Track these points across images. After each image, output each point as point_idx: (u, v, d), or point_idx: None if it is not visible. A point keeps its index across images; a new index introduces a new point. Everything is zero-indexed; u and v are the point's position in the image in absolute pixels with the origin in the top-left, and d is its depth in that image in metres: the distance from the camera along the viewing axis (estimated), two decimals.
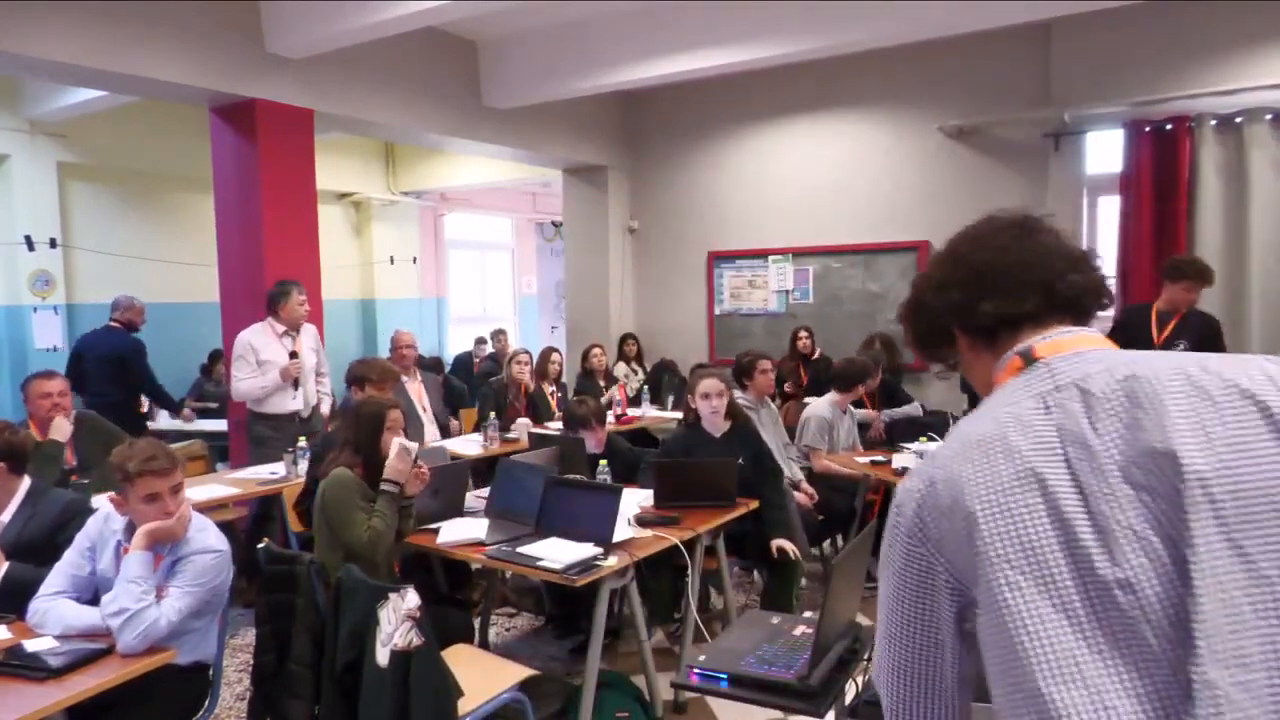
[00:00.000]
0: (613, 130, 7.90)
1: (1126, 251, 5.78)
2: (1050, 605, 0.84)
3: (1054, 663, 0.83)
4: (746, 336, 7.38)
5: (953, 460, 0.95)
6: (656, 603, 3.69)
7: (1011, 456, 0.90)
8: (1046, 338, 1.03)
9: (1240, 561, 0.80)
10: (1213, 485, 0.81)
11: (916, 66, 6.51)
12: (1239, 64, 5.39)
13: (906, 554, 0.98)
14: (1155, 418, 0.86)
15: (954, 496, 0.92)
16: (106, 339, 5.88)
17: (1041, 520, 0.86)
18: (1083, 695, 0.81)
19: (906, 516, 0.97)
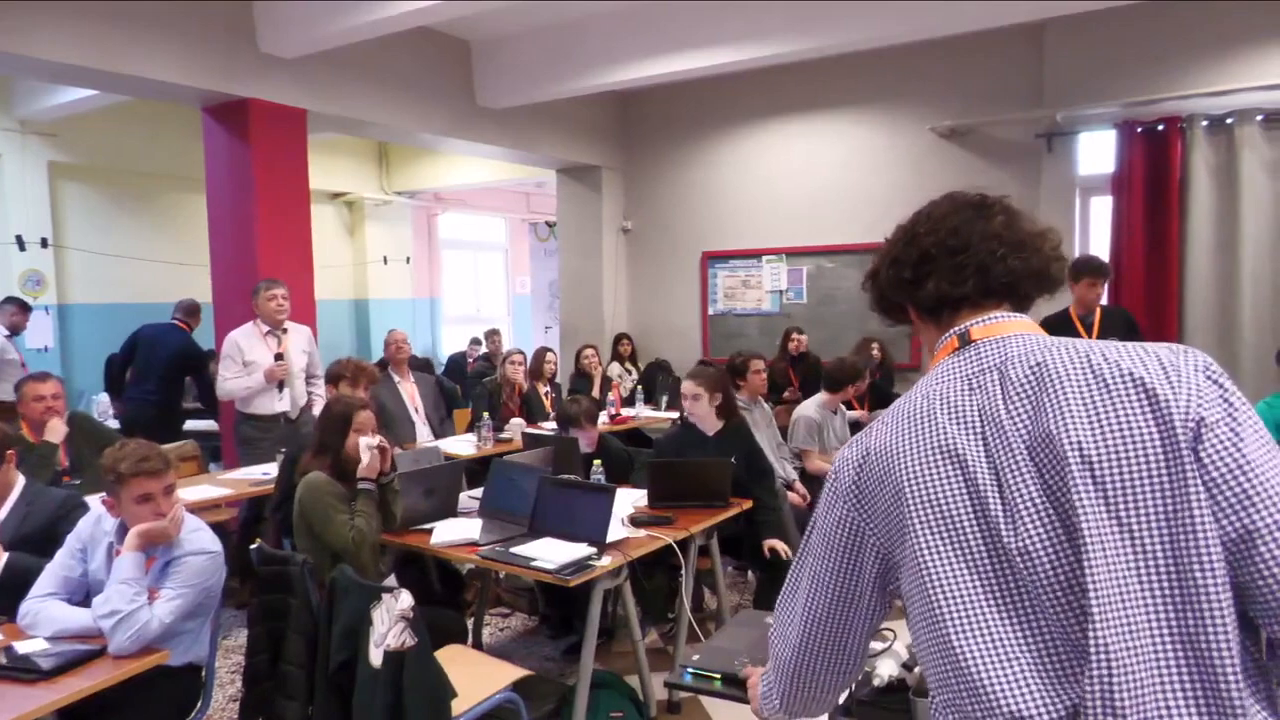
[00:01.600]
0: (606, 130, 7.90)
1: (1119, 251, 5.79)
2: (964, 567, 0.93)
3: (964, 619, 0.93)
4: (741, 337, 7.39)
5: (887, 433, 1.04)
6: (650, 603, 3.69)
7: (937, 432, 0.98)
8: (984, 321, 1.09)
9: (1125, 535, 0.87)
10: (1097, 465, 0.88)
11: (909, 67, 6.53)
12: (1229, 65, 5.41)
13: (840, 516, 1.07)
14: (1055, 402, 0.92)
15: (886, 466, 1.02)
16: (171, 336, 5.87)
17: (959, 491, 0.95)
18: (988, 648, 0.91)
19: (844, 482, 1.07)
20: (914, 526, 0.97)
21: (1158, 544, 0.86)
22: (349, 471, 2.98)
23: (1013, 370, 0.98)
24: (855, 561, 1.08)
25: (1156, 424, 0.88)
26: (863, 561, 1.07)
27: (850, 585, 1.09)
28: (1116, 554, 0.86)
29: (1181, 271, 5.66)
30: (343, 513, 2.89)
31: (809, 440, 4.75)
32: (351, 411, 3.04)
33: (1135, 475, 0.87)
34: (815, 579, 1.12)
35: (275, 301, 4.65)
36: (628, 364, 7.52)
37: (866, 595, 1.08)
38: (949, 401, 1.01)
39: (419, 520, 3.26)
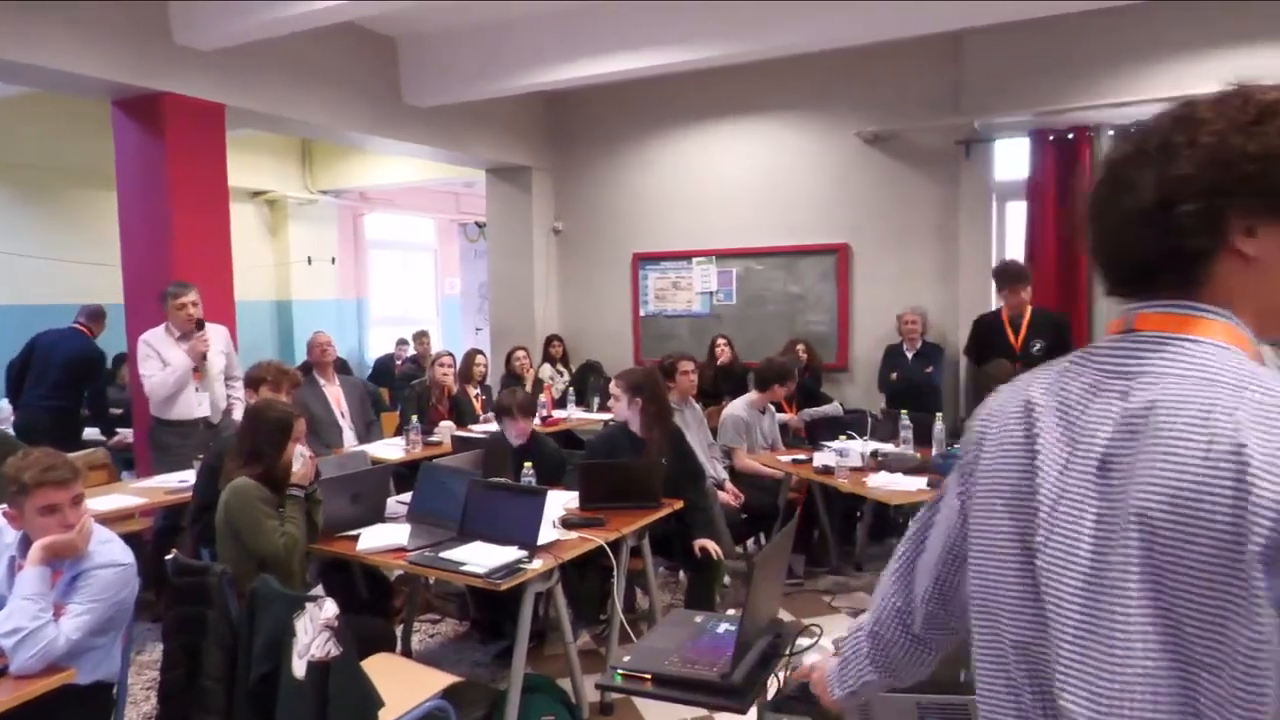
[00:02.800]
0: (537, 131, 7.85)
1: (1033, 254, 6.02)
2: (1003, 546, 0.94)
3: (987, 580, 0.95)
4: (672, 338, 7.44)
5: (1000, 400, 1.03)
6: (582, 604, 3.69)
7: (1031, 418, 0.94)
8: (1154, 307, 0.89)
9: (1150, 595, 0.78)
10: (1159, 527, 0.77)
11: (835, 73, 6.66)
12: (1132, 77, 5.67)
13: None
14: (1144, 451, 0.80)
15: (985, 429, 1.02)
16: (71, 341, 5.64)
17: (1022, 465, 0.93)
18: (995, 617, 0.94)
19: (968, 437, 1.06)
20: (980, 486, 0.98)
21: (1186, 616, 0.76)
22: (279, 480, 2.92)
23: (1140, 395, 0.82)
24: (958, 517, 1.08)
25: (1232, 493, 0.73)
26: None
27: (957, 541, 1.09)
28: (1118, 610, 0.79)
29: (1090, 276, 5.90)
30: (273, 519, 2.83)
31: (737, 439, 4.80)
32: (291, 420, 3.00)
33: (1188, 545, 0.75)
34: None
35: (185, 309, 4.49)
36: (559, 366, 7.49)
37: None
38: (1066, 396, 0.91)
39: (345, 526, 3.19)
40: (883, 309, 6.58)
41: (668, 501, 3.58)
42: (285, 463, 2.95)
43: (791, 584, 4.64)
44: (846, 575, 4.86)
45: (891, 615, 1.18)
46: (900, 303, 6.41)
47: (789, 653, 1.98)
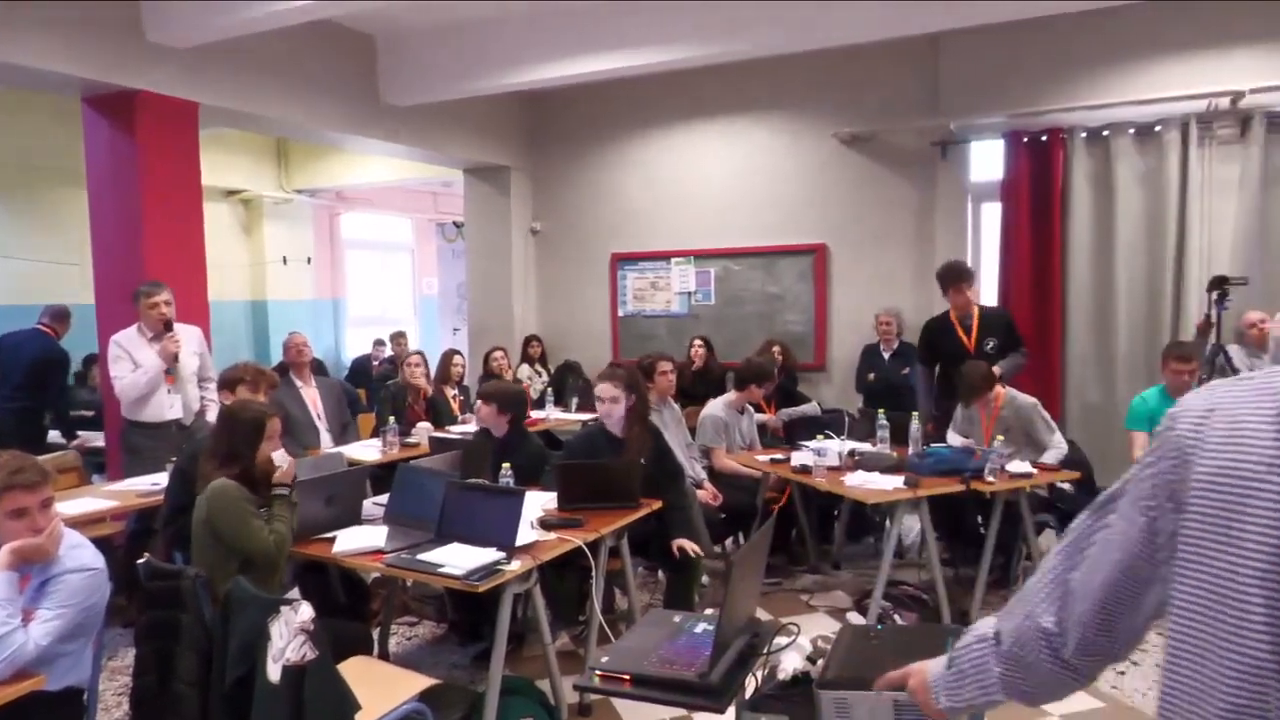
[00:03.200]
0: (515, 131, 7.83)
1: (1007, 255, 6.09)
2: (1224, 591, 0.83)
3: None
4: (651, 338, 7.44)
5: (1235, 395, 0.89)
6: (561, 606, 3.68)
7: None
8: None
9: None
10: None
11: (812, 75, 6.70)
12: (1105, 81, 5.75)
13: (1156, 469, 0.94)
14: None
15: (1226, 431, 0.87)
16: (35, 341, 5.55)
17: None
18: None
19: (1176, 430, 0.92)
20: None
21: None
22: (257, 480, 2.92)
23: None
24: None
25: None
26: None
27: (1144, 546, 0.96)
28: None
29: (1064, 275, 5.98)
30: (259, 518, 2.83)
31: (716, 438, 4.81)
32: (264, 420, 3.00)
33: None
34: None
35: (158, 309, 4.43)
36: (538, 366, 7.47)
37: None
38: None
39: (321, 529, 3.17)
40: (860, 309, 6.62)
41: (646, 501, 3.58)
42: (261, 462, 2.94)
43: (770, 583, 4.66)
44: (824, 574, 4.89)
45: (1036, 637, 1.06)
46: (877, 303, 6.46)
47: (766, 652, 1.99)
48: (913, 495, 3.86)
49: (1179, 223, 5.64)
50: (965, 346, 5.05)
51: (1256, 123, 5.39)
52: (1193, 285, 5.54)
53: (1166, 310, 5.70)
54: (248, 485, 2.89)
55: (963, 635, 1.19)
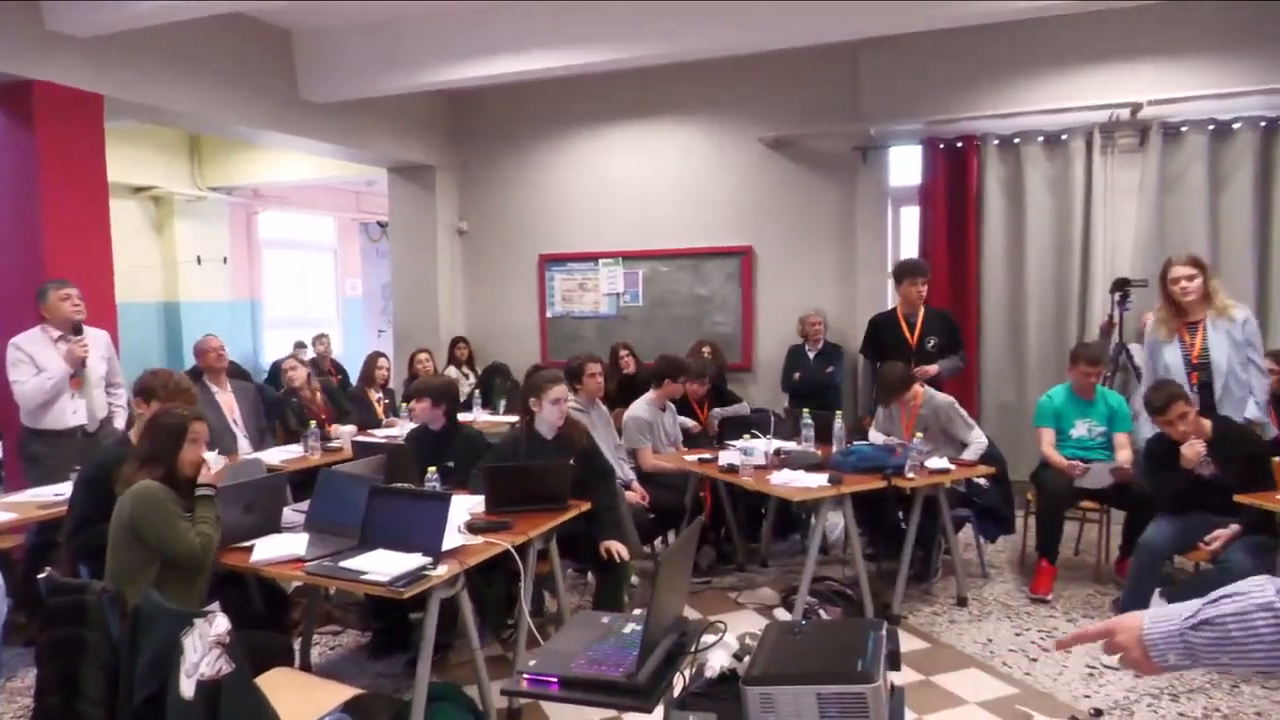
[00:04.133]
0: (440, 129, 7.72)
1: (925, 257, 6.25)
2: None
3: None
4: (579, 339, 7.42)
5: None
6: (489, 610, 3.64)
7: None
8: None
9: None
10: None
11: (738, 79, 6.79)
12: (1015, 90, 5.99)
13: None
14: None
15: None
16: None
17: None
18: None
19: None
20: None
21: None
22: (180, 483, 2.86)
23: None
24: None
25: None
26: None
27: None
28: None
29: (979, 277, 6.20)
30: (185, 519, 2.76)
31: (641, 439, 4.83)
32: (186, 423, 2.93)
33: None
34: None
35: (70, 301, 4.24)
36: (465, 368, 7.38)
37: None
38: None
39: (239, 538, 3.06)
40: (785, 310, 6.74)
41: (575, 503, 3.58)
42: (185, 465, 2.89)
43: (699, 582, 4.70)
44: (752, 571, 4.96)
45: None
46: (802, 304, 6.58)
47: (694, 650, 2.01)
48: (836, 492, 3.94)
49: (1084, 227, 5.91)
50: (908, 343, 5.19)
51: (1154, 133, 5.68)
52: (1097, 287, 5.81)
53: (1074, 310, 5.97)
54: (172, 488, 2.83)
55: (1217, 599, 1.17)
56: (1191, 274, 4.03)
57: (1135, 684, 3.45)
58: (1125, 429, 4.63)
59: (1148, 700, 3.32)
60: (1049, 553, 4.50)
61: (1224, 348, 3.98)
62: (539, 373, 4.17)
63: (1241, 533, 3.66)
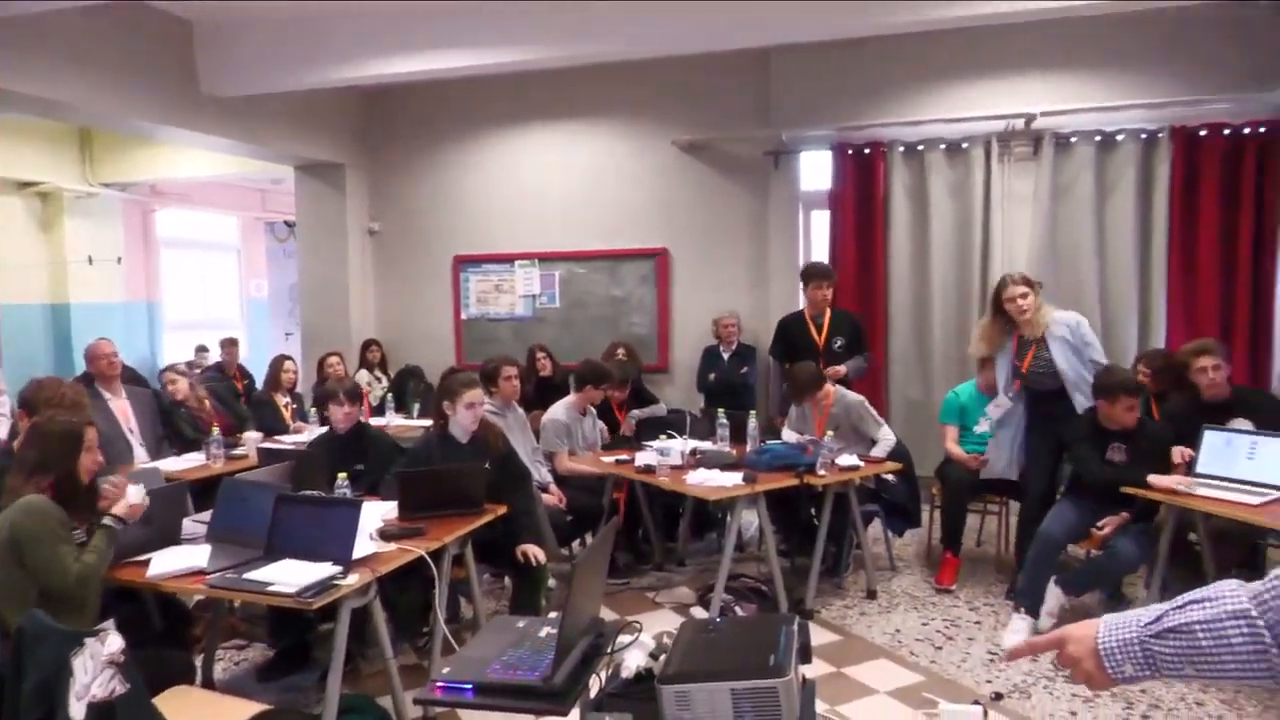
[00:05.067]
0: (351, 127, 7.53)
1: (835, 260, 6.43)
2: None
3: None
4: (495, 341, 7.34)
5: None
6: (403, 618, 3.58)
7: None
8: None
9: None
10: None
11: (652, 82, 6.84)
12: (919, 99, 6.21)
13: None
14: None
15: None
16: None
17: None
18: None
19: None
20: None
21: None
22: (70, 498, 2.71)
23: None
24: None
25: None
26: None
27: None
28: None
29: (886, 279, 6.40)
30: (68, 543, 2.60)
31: (558, 442, 4.82)
32: (80, 430, 2.80)
33: None
34: None
35: None
36: (377, 371, 7.22)
37: None
38: None
39: (134, 551, 2.92)
40: (700, 311, 6.81)
41: (491, 507, 3.54)
42: (78, 476, 2.75)
43: (616, 583, 4.71)
44: (669, 571, 5.00)
45: None
46: (716, 306, 6.67)
47: (610, 651, 2.02)
48: (751, 491, 4.02)
49: (984, 232, 6.16)
50: (816, 343, 5.34)
51: (1046, 142, 5.97)
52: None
53: (974, 312, 6.20)
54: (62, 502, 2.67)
55: (1183, 605, 1.08)
56: (1024, 292, 4.25)
57: (1032, 668, 3.62)
58: None
59: (1044, 683, 3.49)
60: (953, 544, 4.69)
61: (1065, 355, 4.20)
62: (453, 376, 4.12)
63: (1129, 520, 3.88)
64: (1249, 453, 3.68)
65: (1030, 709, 3.30)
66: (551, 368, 6.34)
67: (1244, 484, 3.60)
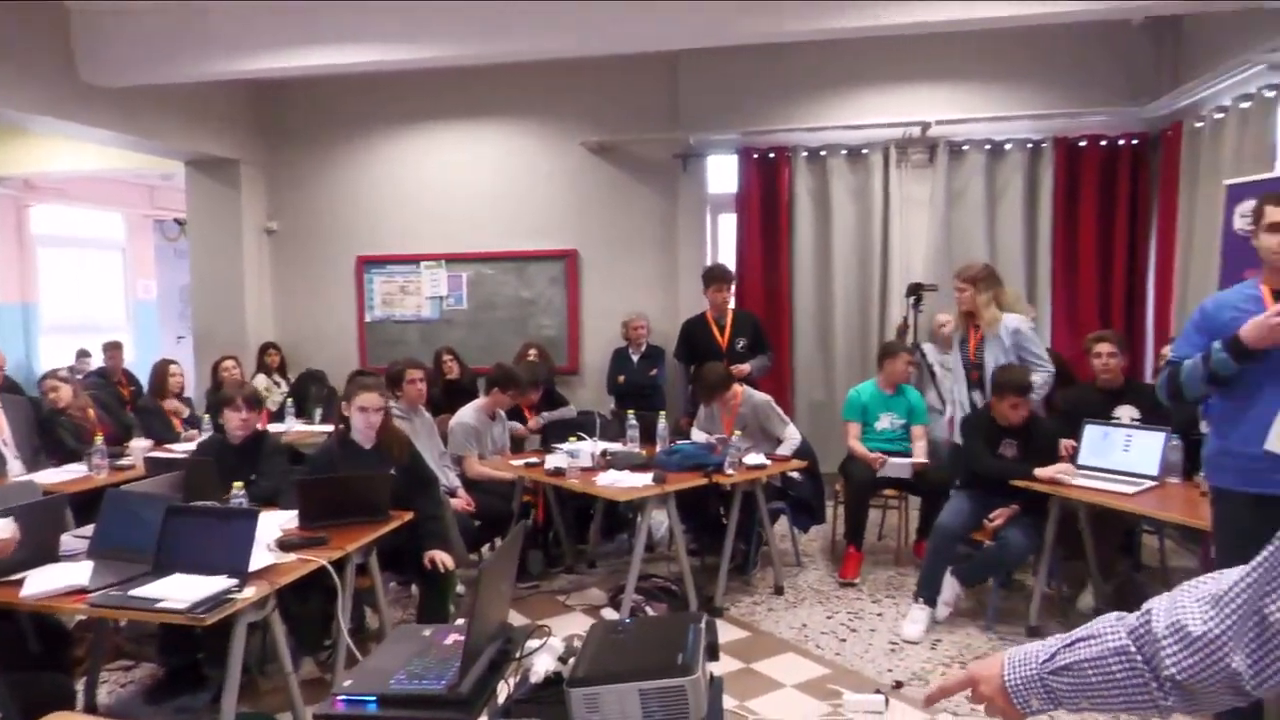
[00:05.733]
0: (246, 121, 7.24)
1: (742, 262, 6.55)
2: None
3: None
4: (401, 344, 7.18)
5: None
6: (304, 631, 3.46)
7: None
8: None
9: None
10: None
11: (561, 82, 6.81)
12: (821, 106, 6.38)
13: None
14: None
15: None
16: None
17: None
18: None
19: None
20: None
21: None
22: None
23: None
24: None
25: None
26: None
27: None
28: None
29: (791, 280, 6.54)
30: None
31: (467, 446, 4.75)
32: None
33: None
34: None
35: None
36: (276, 376, 6.96)
37: None
38: None
39: (7, 571, 2.73)
40: (610, 313, 6.82)
41: (397, 514, 3.46)
42: None
43: (527, 587, 4.67)
44: (581, 573, 4.98)
45: (1219, 677, 0.99)
46: (626, 307, 6.69)
47: (519, 656, 1.99)
48: (661, 491, 4.04)
49: (883, 235, 6.37)
50: (719, 344, 5.43)
51: (941, 150, 6.23)
52: (895, 291, 6.28)
53: (875, 313, 6.42)
54: None
55: (1071, 643, 1.13)
56: (962, 287, 4.44)
57: (930, 655, 3.76)
58: (922, 422, 5.05)
59: (941, 670, 3.63)
60: (856, 539, 4.83)
61: (995, 355, 4.41)
62: (354, 379, 4.01)
63: (1019, 512, 4.07)
64: (1125, 445, 3.92)
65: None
66: (459, 370, 6.23)
67: (1120, 474, 3.82)
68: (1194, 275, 5.09)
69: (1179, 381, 2.75)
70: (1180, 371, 2.75)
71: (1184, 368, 2.73)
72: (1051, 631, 1.39)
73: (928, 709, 2.85)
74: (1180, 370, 2.75)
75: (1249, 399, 2.62)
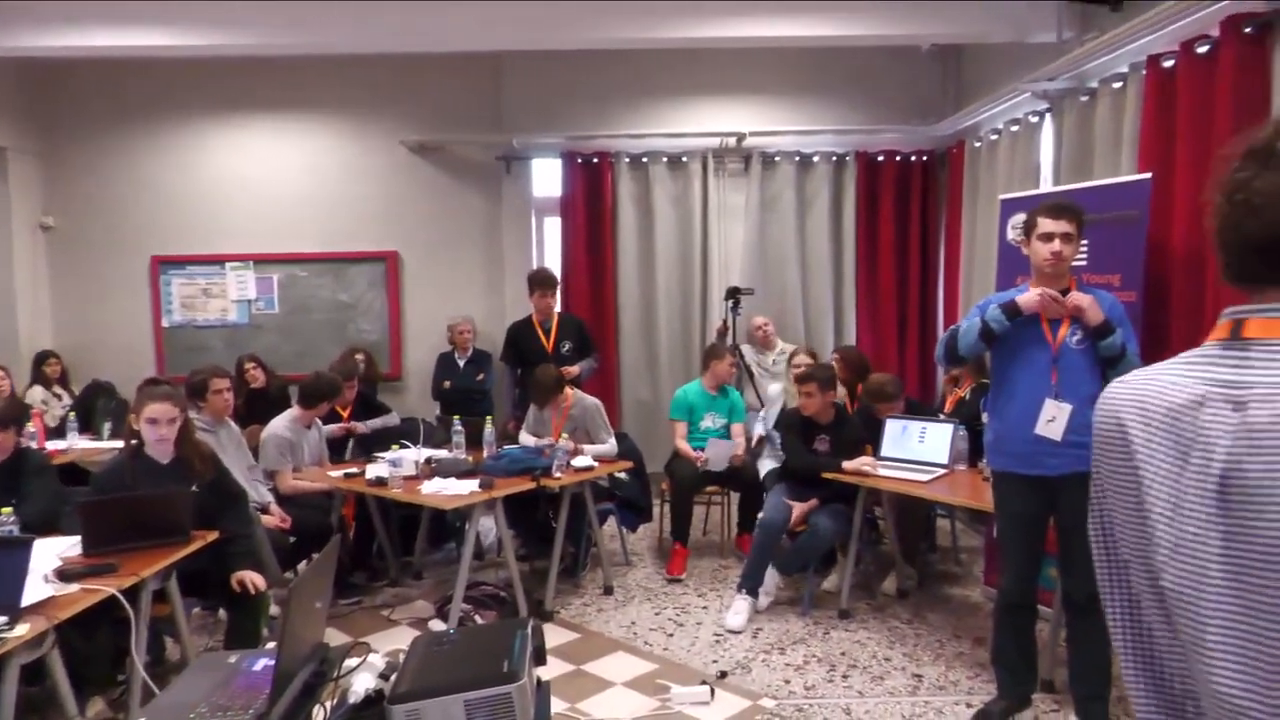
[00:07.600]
0: (14, 106, 6.49)
1: (568, 265, 6.58)
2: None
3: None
4: (204, 350, 6.68)
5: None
6: (91, 668, 3.14)
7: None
8: (1264, 312, 0.87)
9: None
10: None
11: (381, 79, 6.58)
12: (644, 113, 6.53)
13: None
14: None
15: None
16: None
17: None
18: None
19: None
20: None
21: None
22: None
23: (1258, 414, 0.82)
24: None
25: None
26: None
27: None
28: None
29: (615, 284, 6.65)
30: None
31: (281, 460, 4.49)
32: None
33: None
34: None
35: None
36: (57, 388, 6.27)
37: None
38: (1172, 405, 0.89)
39: None
40: (433, 317, 6.66)
41: (200, 534, 3.22)
42: None
43: (349, 603, 4.48)
44: (406, 585, 4.83)
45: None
46: (450, 311, 6.55)
47: (336, 677, 1.91)
48: (488, 496, 3.99)
49: (703, 240, 6.61)
50: (545, 347, 5.46)
51: (755, 160, 6.53)
52: (714, 294, 6.53)
53: (696, 315, 6.64)
54: None
55: None
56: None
57: (752, 644, 3.94)
58: (740, 420, 5.27)
59: (762, 657, 3.80)
60: (681, 536, 4.97)
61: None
62: (144, 388, 3.70)
63: (820, 504, 4.33)
64: (920, 437, 4.27)
65: (751, 681, 3.58)
66: (265, 378, 5.84)
67: (917, 464, 4.16)
68: (977, 279, 5.61)
69: (957, 339, 3.09)
70: (959, 333, 3.10)
71: (963, 327, 3.10)
72: (860, 613, 1.50)
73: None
74: (959, 332, 3.10)
75: (1014, 391, 3.01)
